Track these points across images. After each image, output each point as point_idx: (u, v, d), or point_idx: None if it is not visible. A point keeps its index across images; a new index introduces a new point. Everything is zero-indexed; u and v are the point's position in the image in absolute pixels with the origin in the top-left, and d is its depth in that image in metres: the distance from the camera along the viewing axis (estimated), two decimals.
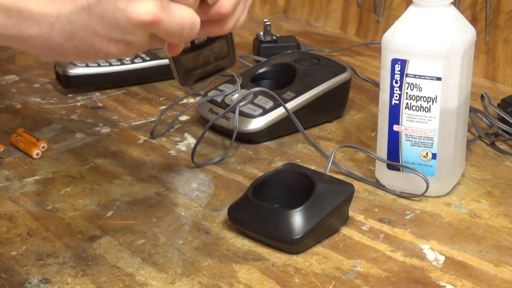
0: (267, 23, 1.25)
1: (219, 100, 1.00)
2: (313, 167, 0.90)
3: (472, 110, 0.99)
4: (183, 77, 0.72)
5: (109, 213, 0.84)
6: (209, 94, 1.02)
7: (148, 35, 0.59)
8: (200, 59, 0.72)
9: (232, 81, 1.03)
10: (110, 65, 1.12)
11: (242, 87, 1.01)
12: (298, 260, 0.76)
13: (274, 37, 1.25)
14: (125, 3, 0.56)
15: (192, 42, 0.72)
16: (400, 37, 0.83)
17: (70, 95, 1.12)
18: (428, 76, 0.82)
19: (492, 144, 0.98)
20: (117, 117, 1.06)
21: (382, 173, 0.88)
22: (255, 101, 0.99)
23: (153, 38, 0.60)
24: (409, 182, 0.86)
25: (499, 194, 0.88)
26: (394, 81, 0.83)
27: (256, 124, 0.98)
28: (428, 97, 0.83)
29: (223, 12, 0.64)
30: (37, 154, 0.95)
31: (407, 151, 0.85)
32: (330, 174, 0.86)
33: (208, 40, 0.73)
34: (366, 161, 0.93)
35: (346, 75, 1.05)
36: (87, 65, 1.11)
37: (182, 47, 0.65)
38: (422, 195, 0.86)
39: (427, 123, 0.84)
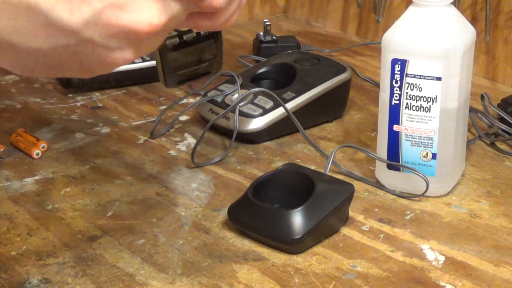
0: (267, 23, 1.25)
1: (219, 100, 1.00)
2: (313, 167, 0.90)
3: (472, 110, 0.99)
4: (168, 75, 0.71)
5: (109, 213, 0.84)
6: (209, 94, 1.02)
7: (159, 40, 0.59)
8: (187, 58, 0.72)
9: (232, 81, 1.03)
10: None
11: (242, 87, 1.01)
12: (298, 260, 0.76)
13: (274, 37, 1.25)
14: (104, 50, 0.56)
15: (181, 38, 0.71)
16: (400, 37, 0.83)
17: (70, 95, 1.12)
18: (428, 76, 0.82)
19: (492, 144, 0.98)
20: (117, 117, 1.06)
21: (382, 173, 0.88)
22: (255, 101, 0.99)
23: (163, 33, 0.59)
24: (409, 182, 0.86)
25: (499, 194, 0.88)
26: (394, 81, 0.83)
27: (256, 124, 0.98)
28: (428, 97, 0.83)
29: (215, 5, 0.61)
30: (37, 154, 0.95)
31: (407, 151, 0.85)
32: (330, 174, 0.86)
33: (197, 38, 0.72)
34: (366, 161, 0.93)
35: (346, 75, 1.05)
36: None
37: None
38: (422, 195, 0.86)
39: (427, 123, 0.84)
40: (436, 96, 0.82)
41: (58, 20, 0.54)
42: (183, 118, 1.05)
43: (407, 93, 0.83)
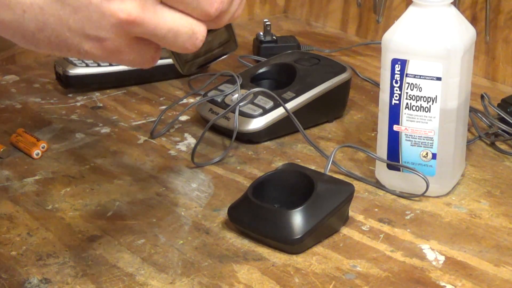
0: (267, 23, 1.25)
1: (219, 100, 1.00)
2: (313, 167, 0.90)
3: (472, 110, 0.99)
4: (183, 65, 0.71)
5: (109, 213, 0.84)
6: (209, 94, 1.02)
7: (129, 37, 0.57)
8: (202, 48, 0.71)
9: (232, 81, 1.03)
10: (110, 65, 1.12)
11: (242, 87, 1.01)
12: (298, 260, 0.76)
13: (274, 37, 1.25)
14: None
15: None
16: (400, 37, 0.83)
17: (70, 95, 1.12)
18: (428, 76, 0.82)
19: (492, 144, 0.98)
20: (117, 117, 1.06)
21: (382, 173, 0.88)
22: (255, 101, 0.99)
23: (137, 41, 0.58)
24: (409, 182, 0.86)
25: (499, 194, 0.88)
26: (394, 81, 0.83)
27: (256, 124, 0.98)
28: (428, 97, 0.83)
29: (211, 13, 0.60)
30: (37, 154, 0.95)
31: (407, 151, 0.85)
32: (330, 174, 0.86)
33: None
34: (366, 161, 0.93)
35: (346, 75, 1.05)
36: (87, 65, 1.11)
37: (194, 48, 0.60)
38: (422, 195, 0.86)
39: (427, 123, 0.84)
40: (436, 96, 0.82)
41: None
42: (183, 118, 1.05)
43: (407, 93, 0.83)
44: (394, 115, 0.85)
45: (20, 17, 0.56)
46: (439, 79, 0.82)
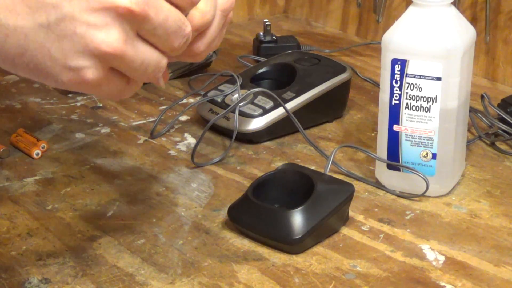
0: (267, 23, 1.25)
1: (219, 100, 1.00)
2: (313, 167, 0.90)
3: (472, 110, 0.99)
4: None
5: (109, 213, 0.84)
6: (209, 94, 1.02)
7: (107, 68, 0.57)
8: (174, 64, 0.72)
9: (232, 81, 1.03)
10: None
11: (242, 87, 1.01)
12: (298, 260, 0.76)
13: (274, 37, 1.25)
14: (85, 28, 0.54)
15: None
16: (400, 37, 0.83)
17: (70, 95, 1.12)
18: (428, 76, 0.82)
19: (492, 144, 0.98)
20: (117, 117, 1.06)
21: (382, 173, 0.88)
22: (255, 101, 0.99)
23: (112, 73, 0.58)
24: (409, 182, 0.86)
25: (499, 194, 0.88)
26: (394, 81, 0.83)
27: (256, 124, 0.98)
28: (428, 97, 0.83)
29: (197, 52, 0.63)
30: (37, 154, 0.95)
31: (407, 151, 0.85)
32: (330, 174, 0.86)
33: None
34: (366, 161, 0.93)
35: (346, 75, 1.05)
36: None
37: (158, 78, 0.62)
38: (422, 195, 0.86)
39: (427, 123, 0.84)
40: (436, 96, 0.82)
41: None
42: (183, 118, 1.05)
43: (407, 93, 0.83)
44: (394, 115, 0.85)
45: (2, 41, 0.55)
46: (439, 79, 0.82)
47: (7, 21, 0.55)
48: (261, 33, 1.25)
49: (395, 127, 0.85)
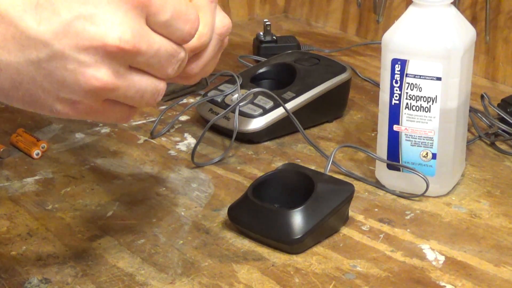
0: (267, 23, 1.25)
1: (219, 100, 1.00)
2: (313, 167, 0.90)
3: (472, 110, 0.99)
4: None
5: (109, 213, 0.84)
6: (209, 94, 1.02)
7: (100, 100, 0.57)
8: (170, 86, 0.72)
9: (232, 81, 1.03)
10: None
11: (242, 87, 1.01)
12: (298, 260, 0.76)
13: (274, 37, 1.25)
14: (76, 65, 0.55)
15: None
16: (400, 37, 0.83)
17: None
18: (428, 76, 0.82)
19: (492, 144, 0.98)
20: None
21: (382, 173, 0.88)
22: (255, 101, 0.99)
23: (108, 102, 0.58)
24: (409, 182, 0.86)
25: (499, 194, 0.88)
26: (394, 81, 0.83)
27: (256, 124, 0.98)
28: (428, 97, 0.83)
29: (191, 74, 0.64)
30: (37, 154, 0.95)
31: (407, 151, 0.85)
32: (330, 174, 0.86)
33: None
34: (366, 161, 0.93)
35: (346, 75, 1.05)
36: None
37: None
38: (422, 195, 0.86)
39: (427, 123, 0.84)
40: (436, 96, 0.82)
41: (27, 30, 0.54)
42: (183, 118, 1.05)
43: (407, 93, 0.83)
44: (394, 115, 0.85)
45: (8, 83, 0.56)
46: (439, 79, 0.82)
47: (0, 57, 0.55)
48: (261, 33, 1.25)
49: (395, 127, 0.85)
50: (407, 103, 0.84)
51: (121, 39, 0.54)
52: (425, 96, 0.83)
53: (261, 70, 1.07)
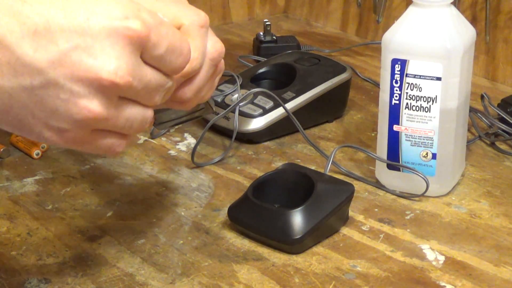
0: (267, 23, 1.25)
1: (219, 100, 1.00)
2: (313, 167, 0.90)
3: (472, 110, 0.99)
4: (157, 125, 0.72)
5: (109, 213, 0.84)
6: None
7: (89, 130, 0.57)
8: (174, 114, 0.73)
9: (232, 81, 1.03)
10: None
11: (242, 87, 1.01)
12: (298, 260, 0.76)
13: (274, 37, 1.25)
14: (68, 95, 0.54)
15: None
16: (400, 37, 0.83)
17: None
18: (428, 76, 0.82)
19: (492, 144, 0.98)
20: None
21: (382, 173, 0.88)
22: (255, 101, 0.99)
23: (97, 132, 0.58)
24: (409, 182, 0.86)
25: (499, 194, 0.88)
26: (394, 81, 0.84)
27: (256, 124, 0.98)
28: (428, 97, 0.83)
29: (184, 98, 0.64)
30: (37, 154, 0.95)
31: (407, 151, 0.85)
32: (330, 174, 0.86)
33: None
34: (366, 161, 0.93)
35: (346, 75, 1.05)
36: None
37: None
38: (422, 195, 0.86)
39: (427, 123, 0.84)
40: (436, 96, 0.82)
41: (23, 56, 0.53)
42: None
43: (407, 93, 0.83)
44: (394, 115, 0.85)
45: None
46: (439, 79, 0.82)
47: None
48: (261, 33, 1.25)
49: (395, 127, 0.85)
50: (407, 103, 0.84)
51: (116, 74, 0.54)
52: (425, 96, 0.83)
53: (261, 70, 1.07)
